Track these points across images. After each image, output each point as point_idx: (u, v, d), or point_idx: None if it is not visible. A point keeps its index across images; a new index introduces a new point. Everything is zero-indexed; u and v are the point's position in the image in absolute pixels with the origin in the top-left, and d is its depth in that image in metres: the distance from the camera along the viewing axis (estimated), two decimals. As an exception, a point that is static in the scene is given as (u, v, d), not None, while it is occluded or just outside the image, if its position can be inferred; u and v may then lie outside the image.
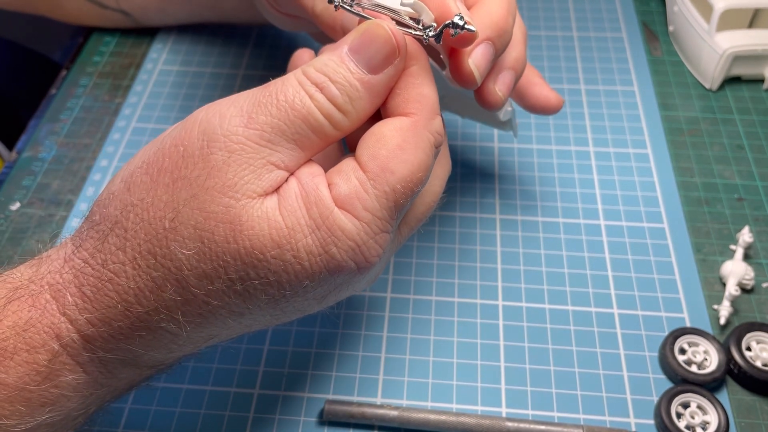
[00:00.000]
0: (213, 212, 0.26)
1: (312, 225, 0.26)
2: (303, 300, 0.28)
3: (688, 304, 0.41)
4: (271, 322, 0.30)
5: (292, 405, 0.38)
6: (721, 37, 0.51)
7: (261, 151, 0.26)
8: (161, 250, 0.26)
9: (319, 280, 0.27)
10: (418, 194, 0.29)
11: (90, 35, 0.59)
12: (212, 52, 0.57)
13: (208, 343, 0.30)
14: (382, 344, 0.40)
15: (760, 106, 0.52)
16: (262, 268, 0.26)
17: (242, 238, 0.26)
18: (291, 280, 0.27)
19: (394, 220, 0.28)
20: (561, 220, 0.45)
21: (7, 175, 0.49)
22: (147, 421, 0.37)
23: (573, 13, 0.60)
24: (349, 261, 0.27)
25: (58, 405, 0.27)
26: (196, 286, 0.26)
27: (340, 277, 0.27)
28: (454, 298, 0.42)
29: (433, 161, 0.28)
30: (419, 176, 0.27)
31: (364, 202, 0.27)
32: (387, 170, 0.27)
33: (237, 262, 0.26)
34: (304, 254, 0.26)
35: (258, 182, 0.26)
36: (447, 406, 0.38)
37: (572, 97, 0.53)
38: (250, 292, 0.27)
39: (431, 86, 0.29)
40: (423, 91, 0.28)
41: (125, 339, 0.27)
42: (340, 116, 0.27)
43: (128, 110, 0.53)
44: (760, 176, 0.47)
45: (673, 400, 0.37)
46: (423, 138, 0.28)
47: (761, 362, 0.38)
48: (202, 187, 0.26)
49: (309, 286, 0.27)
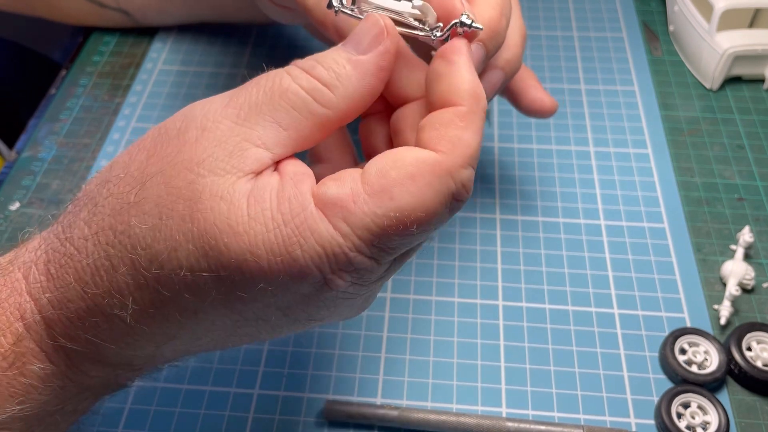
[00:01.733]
0: (175, 187, 0.24)
1: (279, 220, 0.24)
2: (263, 308, 0.26)
3: (689, 304, 0.41)
4: (236, 336, 0.28)
5: (292, 405, 0.38)
6: (721, 37, 0.51)
7: (236, 129, 0.25)
8: (121, 226, 0.25)
9: (278, 285, 0.24)
10: (413, 243, 0.26)
11: (90, 35, 0.59)
12: (212, 52, 0.57)
13: (171, 347, 0.27)
14: (382, 344, 0.40)
15: (761, 106, 0.52)
16: (213, 258, 0.24)
17: (198, 217, 0.24)
18: (245, 278, 0.24)
19: (374, 249, 0.25)
20: (561, 220, 0.45)
21: (6, 175, 0.49)
22: (147, 421, 0.37)
23: (573, 13, 0.60)
24: (313, 268, 0.24)
25: (28, 397, 0.26)
26: (147, 268, 0.24)
27: (304, 286, 0.25)
28: (454, 298, 0.42)
29: (443, 212, 0.25)
30: (419, 216, 0.24)
31: (348, 213, 0.24)
32: (387, 193, 0.24)
33: (189, 244, 0.24)
34: (263, 250, 0.24)
35: (229, 160, 0.24)
36: (447, 406, 0.38)
37: (572, 97, 0.53)
38: (200, 285, 0.24)
39: (475, 133, 0.26)
40: (463, 135, 0.25)
41: (82, 326, 0.26)
42: (326, 91, 0.26)
43: (128, 110, 0.53)
44: (760, 176, 0.47)
45: (673, 400, 0.36)
46: (443, 181, 0.25)
47: (762, 362, 0.38)
48: (171, 162, 0.25)
49: (267, 291, 0.24)
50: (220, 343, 0.29)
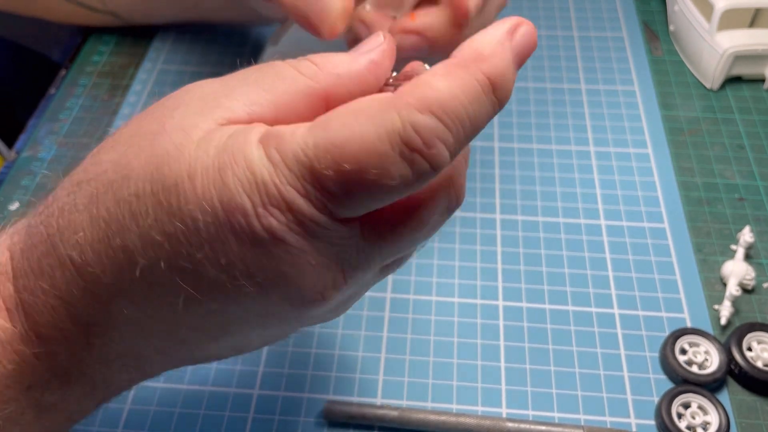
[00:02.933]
0: (146, 126, 0.25)
1: (221, 148, 0.23)
2: (200, 257, 0.23)
3: (689, 305, 0.41)
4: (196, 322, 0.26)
5: (292, 405, 0.38)
6: (721, 37, 0.51)
7: (219, 89, 0.25)
8: (91, 165, 0.26)
9: (211, 215, 0.23)
10: (363, 187, 0.22)
11: (89, 35, 0.59)
12: (212, 52, 0.57)
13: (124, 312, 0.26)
14: (382, 344, 0.40)
15: (761, 105, 0.52)
16: (156, 181, 0.23)
17: (155, 144, 0.24)
18: (180, 204, 0.23)
19: (308, 187, 0.22)
20: (561, 220, 0.45)
21: (6, 174, 0.49)
22: (147, 421, 0.37)
23: (573, 13, 0.60)
24: (243, 196, 0.22)
25: None
26: (102, 197, 0.24)
27: (236, 221, 0.23)
28: (454, 298, 0.42)
29: (389, 153, 0.22)
30: (354, 150, 0.22)
31: (281, 142, 0.22)
32: (323, 124, 0.22)
33: (140, 169, 0.24)
34: (199, 174, 0.23)
35: (202, 107, 0.24)
36: (447, 407, 0.38)
37: (572, 97, 0.53)
38: (142, 212, 0.23)
39: (452, 84, 0.22)
40: (432, 79, 0.22)
41: (40, 271, 0.25)
42: (312, 66, 0.25)
43: (127, 110, 0.53)
44: (760, 176, 0.47)
45: (673, 400, 0.36)
46: (385, 115, 0.22)
47: (762, 362, 0.38)
48: (153, 110, 0.25)
49: (201, 225, 0.23)
50: (174, 327, 0.26)
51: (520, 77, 0.54)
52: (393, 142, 0.22)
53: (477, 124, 0.23)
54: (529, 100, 0.53)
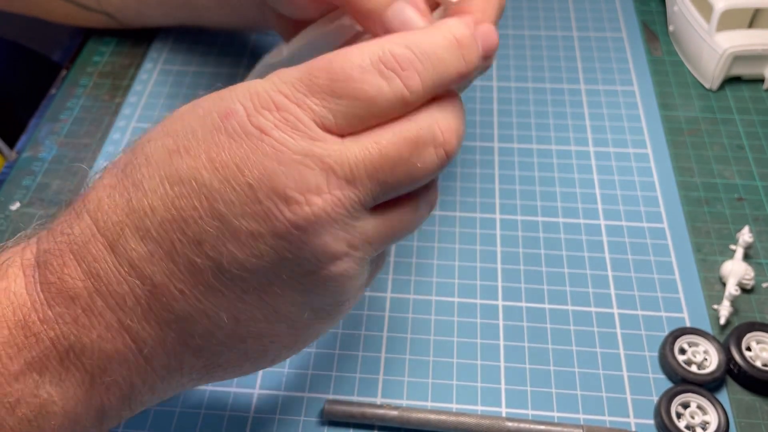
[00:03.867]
0: (199, 104, 0.28)
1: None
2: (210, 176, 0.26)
3: (688, 304, 0.41)
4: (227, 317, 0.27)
5: (292, 405, 0.38)
6: (721, 37, 0.51)
7: None
8: (128, 161, 0.28)
9: (208, 123, 0.26)
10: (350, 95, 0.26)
11: (90, 35, 0.59)
12: (212, 53, 0.57)
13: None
14: (382, 344, 0.40)
15: (761, 106, 0.52)
16: (167, 117, 0.28)
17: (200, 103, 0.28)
18: (184, 125, 0.27)
19: (300, 95, 0.26)
20: (561, 220, 0.46)
21: (7, 174, 0.49)
22: (147, 421, 0.37)
23: (573, 13, 0.60)
24: (236, 103, 0.26)
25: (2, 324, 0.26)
26: (124, 158, 0.28)
27: (230, 124, 0.26)
28: (454, 298, 0.42)
29: (370, 70, 0.27)
30: (339, 63, 0.26)
31: (279, 71, 0.27)
32: (320, 59, 0.27)
33: (158, 124, 0.28)
34: (202, 100, 0.28)
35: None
36: (447, 406, 0.38)
37: (572, 97, 0.53)
38: (151, 145, 0.27)
39: (434, 37, 0.28)
40: (414, 27, 0.30)
41: (60, 232, 0.27)
42: None
43: (128, 110, 0.53)
44: (760, 176, 0.47)
45: (673, 400, 0.37)
46: (371, 45, 0.27)
47: (761, 362, 0.38)
48: (200, 99, 0.28)
49: (200, 136, 0.26)
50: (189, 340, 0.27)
51: (519, 77, 0.55)
52: (373, 59, 0.26)
53: (446, 68, 0.28)
54: (528, 101, 0.53)
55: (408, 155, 0.27)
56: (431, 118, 0.28)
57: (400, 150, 0.27)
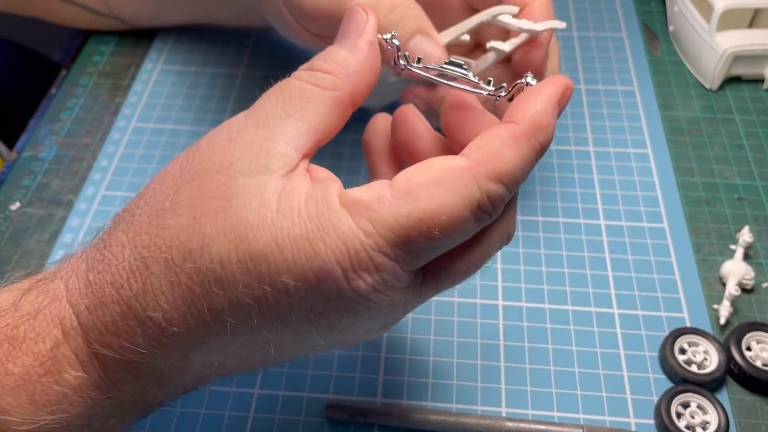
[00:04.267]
0: (209, 189, 0.26)
1: (305, 216, 0.25)
2: (287, 308, 0.26)
3: (688, 304, 0.41)
4: (259, 347, 0.28)
5: (292, 405, 0.38)
6: (721, 37, 0.51)
7: (258, 132, 0.26)
8: (155, 229, 0.26)
9: (301, 280, 0.25)
10: (437, 249, 0.26)
11: (90, 35, 0.59)
12: (212, 52, 0.57)
13: (199, 357, 0.28)
14: (382, 344, 0.40)
15: (761, 106, 0.52)
16: (242, 250, 0.25)
17: (230, 212, 0.25)
18: (270, 270, 0.25)
19: (397, 251, 0.25)
20: (561, 219, 0.45)
21: (7, 174, 0.49)
22: (147, 421, 0.37)
23: (573, 13, 0.60)
24: (335, 265, 0.25)
25: (60, 407, 0.27)
26: (180, 265, 0.25)
27: (326, 285, 0.25)
28: (454, 297, 0.42)
29: (467, 219, 0.25)
30: (443, 220, 0.25)
31: (372, 212, 0.25)
32: (412, 195, 0.25)
33: (220, 238, 0.25)
34: (288, 243, 0.25)
35: (257, 160, 0.26)
36: (447, 406, 0.38)
37: (572, 97, 0.53)
38: (229, 278, 0.25)
39: (518, 156, 0.26)
40: (502, 150, 0.26)
41: (116, 331, 0.26)
42: (328, 76, 0.28)
43: (128, 110, 0.53)
44: (760, 176, 0.47)
45: (673, 399, 0.37)
46: (466, 186, 0.25)
47: (761, 362, 0.38)
48: (203, 168, 0.26)
49: (291, 289, 0.25)
50: (244, 357, 0.29)
51: (519, 77, 0.55)
52: (473, 209, 0.25)
53: (525, 180, 0.27)
54: (528, 101, 0.53)
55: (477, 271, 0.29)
56: (503, 231, 0.28)
57: (472, 272, 0.28)
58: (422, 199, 0.25)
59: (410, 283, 0.27)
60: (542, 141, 0.26)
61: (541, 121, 0.26)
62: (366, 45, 0.28)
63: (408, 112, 0.32)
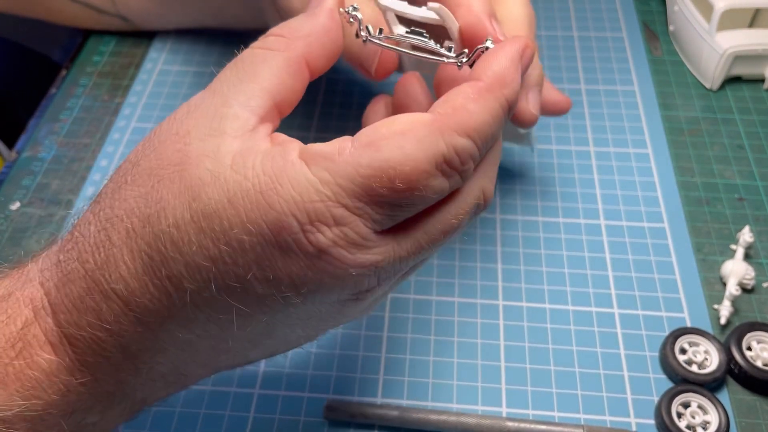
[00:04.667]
0: (165, 157, 0.25)
1: (259, 170, 0.24)
2: (245, 274, 0.24)
3: (689, 304, 0.41)
4: (234, 331, 0.27)
5: (292, 405, 0.38)
6: (721, 37, 0.51)
7: (214, 100, 0.27)
8: (117, 202, 0.26)
9: (257, 235, 0.24)
10: (403, 207, 0.25)
11: (90, 35, 0.59)
12: (212, 52, 0.57)
13: (171, 333, 0.27)
14: (382, 344, 0.40)
15: (761, 105, 0.52)
16: (195, 209, 0.24)
17: (184, 175, 0.25)
18: (224, 227, 0.24)
19: (358, 204, 0.24)
20: (561, 219, 0.45)
21: (6, 174, 0.49)
22: (147, 421, 0.37)
23: (573, 13, 0.60)
24: (290, 216, 0.23)
25: (33, 392, 0.26)
26: (140, 233, 0.25)
27: (283, 239, 0.24)
28: (455, 297, 0.42)
29: (433, 174, 0.24)
30: (405, 171, 0.24)
31: (330, 162, 0.24)
32: (373, 146, 0.24)
33: (175, 200, 0.24)
34: (240, 197, 0.24)
35: (211, 124, 0.26)
36: (447, 406, 0.38)
37: (572, 97, 0.53)
38: (185, 240, 0.24)
39: (485, 110, 0.26)
40: (468, 104, 0.25)
41: (84, 307, 0.26)
42: (280, 39, 0.28)
43: (128, 110, 0.53)
44: (760, 176, 0.47)
45: (673, 399, 0.37)
46: (431, 139, 0.24)
47: (762, 362, 0.38)
48: (161, 140, 0.26)
49: (246, 245, 0.24)
50: (217, 338, 0.28)
51: (520, 77, 0.55)
52: (438, 162, 0.24)
53: (495, 138, 0.27)
54: (529, 100, 0.53)
55: (454, 233, 0.27)
56: (478, 190, 0.27)
57: (448, 234, 0.27)
58: (383, 150, 0.24)
59: (380, 244, 0.25)
60: (507, 95, 0.26)
61: (505, 75, 0.26)
62: (324, 12, 0.29)
63: (411, 79, 0.32)
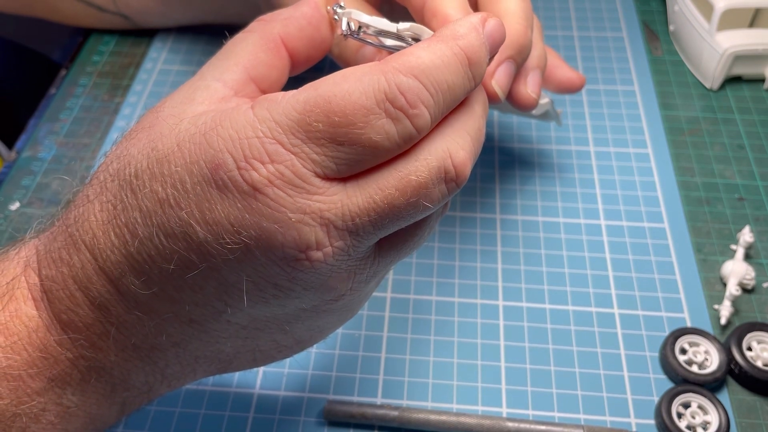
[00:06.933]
0: (142, 128, 0.27)
1: (209, 118, 0.25)
2: (189, 214, 0.24)
3: (689, 304, 0.41)
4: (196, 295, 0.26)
5: (292, 405, 0.38)
6: (721, 37, 0.51)
7: (194, 81, 0.28)
8: (102, 167, 0.27)
9: (198, 175, 0.24)
10: (350, 139, 0.23)
11: (89, 35, 0.59)
12: (212, 52, 0.56)
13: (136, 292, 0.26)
14: (382, 344, 0.40)
15: (761, 105, 0.52)
16: (151, 158, 0.25)
17: (150, 132, 0.26)
18: (171, 171, 0.24)
19: (294, 141, 0.23)
20: (561, 220, 0.45)
21: (6, 174, 0.49)
22: (147, 421, 0.37)
23: (573, 13, 0.60)
24: (225, 153, 0.23)
25: (14, 348, 0.26)
26: (109, 186, 0.26)
27: (219, 177, 0.23)
28: (455, 298, 0.42)
29: (375, 110, 0.23)
30: (340, 104, 0.23)
31: (272, 102, 0.24)
32: (313, 85, 0.24)
33: (139, 154, 0.26)
34: (186, 139, 0.24)
35: (185, 96, 0.27)
36: (447, 407, 0.38)
37: (572, 97, 0.53)
38: (140, 186, 0.25)
39: (433, 54, 0.24)
40: (414, 50, 0.24)
41: (60, 259, 0.26)
42: (260, 23, 0.30)
43: (128, 110, 0.53)
44: (760, 176, 0.47)
45: (673, 400, 0.36)
46: (372, 76, 0.23)
47: (762, 362, 0.38)
48: (143, 115, 0.28)
49: (188, 186, 0.24)
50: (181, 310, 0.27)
51: (520, 77, 0.54)
52: (378, 98, 0.23)
53: (455, 93, 0.25)
54: (529, 100, 0.53)
55: (416, 198, 0.24)
56: (443, 151, 0.25)
57: (408, 195, 0.24)
58: (321, 87, 0.23)
59: (326, 191, 0.24)
60: (463, 46, 0.25)
61: (457, 29, 0.25)
62: (308, 2, 0.30)
63: None
